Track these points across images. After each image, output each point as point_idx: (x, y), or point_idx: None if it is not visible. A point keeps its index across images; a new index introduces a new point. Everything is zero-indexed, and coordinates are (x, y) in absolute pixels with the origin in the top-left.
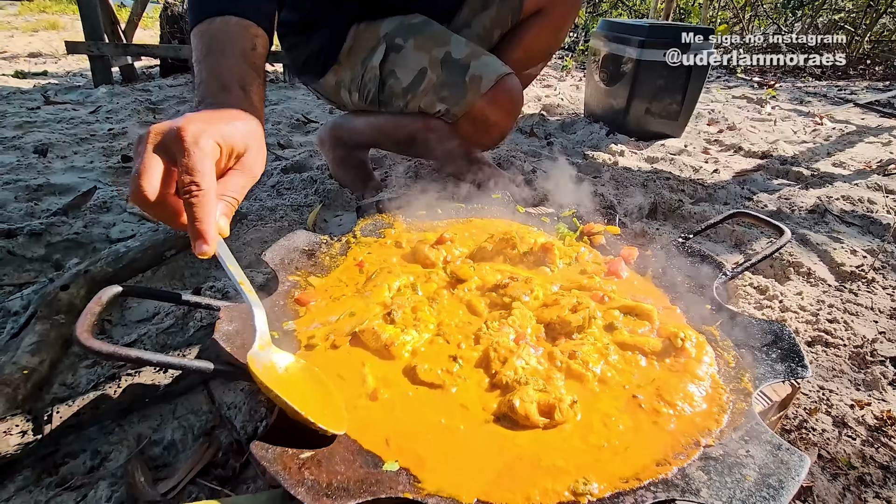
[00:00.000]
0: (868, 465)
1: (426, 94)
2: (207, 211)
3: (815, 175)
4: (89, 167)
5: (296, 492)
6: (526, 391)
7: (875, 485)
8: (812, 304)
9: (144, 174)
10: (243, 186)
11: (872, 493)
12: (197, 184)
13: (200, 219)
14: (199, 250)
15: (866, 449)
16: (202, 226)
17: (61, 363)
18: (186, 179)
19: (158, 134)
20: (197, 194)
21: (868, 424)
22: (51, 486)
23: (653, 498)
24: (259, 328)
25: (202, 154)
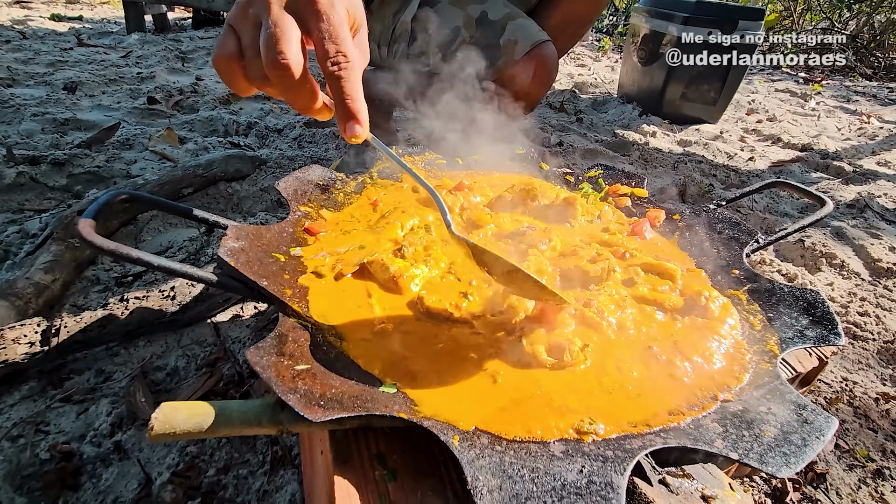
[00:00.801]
0: (888, 459)
1: (457, 53)
2: (358, 86)
3: (857, 171)
4: (115, 106)
5: (287, 398)
6: (536, 330)
7: (893, 479)
8: (843, 295)
9: (283, 38)
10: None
11: (891, 487)
12: (344, 54)
13: (352, 96)
14: (351, 132)
15: (888, 444)
16: (355, 104)
17: (74, 285)
18: (332, 49)
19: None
20: (346, 66)
21: (893, 419)
22: (54, 398)
23: (662, 443)
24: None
25: (341, 20)
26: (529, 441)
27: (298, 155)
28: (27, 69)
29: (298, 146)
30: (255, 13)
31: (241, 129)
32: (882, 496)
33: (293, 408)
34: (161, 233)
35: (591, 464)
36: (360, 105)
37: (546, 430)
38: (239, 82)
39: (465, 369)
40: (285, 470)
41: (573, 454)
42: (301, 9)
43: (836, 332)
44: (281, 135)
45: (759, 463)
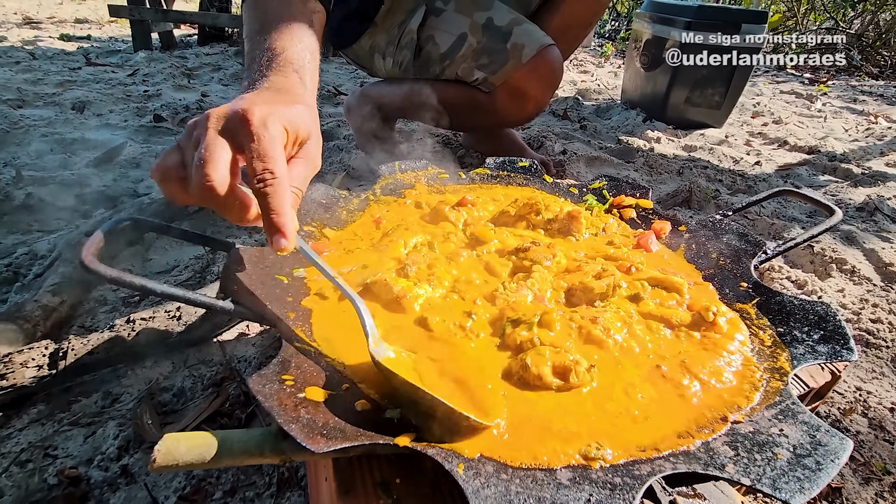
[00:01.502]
0: None
1: (465, 60)
2: (284, 201)
3: (866, 173)
4: (122, 125)
5: (289, 428)
6: (540, 351)
7: None
8: (854, 302)
9: (210, 161)
10: (307, 177)
11: None
12: (271, 171)
13: (277, 210)
14: (277, 245)
15: None
16: (280, 218)
17: (81, 307)
18: (259, 167)
19: (220, 117)
20: (272, 183)
21: None
22: (62, 421)
23: (671, 468)
24: (368, 323)
25: (272, 138)
26: (536, 468)
27: None
28: (36, 90)
29: None
30: (197, 135)
31: None
32: None
33: (295, 438)
34: (167, 251)
35: (599, 492)
36: (286, 219)
37: (552, 456)
38: (176, 194)
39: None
40: (292, 492)
41: (580, 482)
42: (235, 131)
43: (849, 348)
44: None
45: (773, 489)
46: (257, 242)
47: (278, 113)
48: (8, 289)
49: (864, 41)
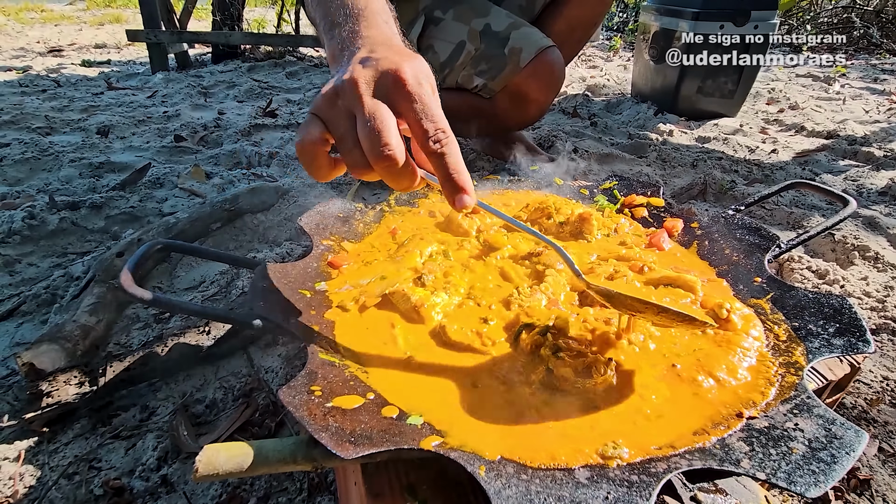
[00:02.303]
0: None
1: (464, 67)
2: (460, 158)
3: (889, 156)
4: (145, 146)
5: (319, 436)
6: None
7: None
8: (878, 289)
9: (385, 130)
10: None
11: None
12: (443, 130)
13: (457, 168)
14: (462, 204)
15: None
16: (461, 177)
17: (116, 324)
18: (431, 127)
19: (369, 81)
20: (446, 142)
21: None
22: (104, 434)
23: (687, 465)
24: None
25: (432, 97)
26: (555, 468)
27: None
28: (63, 116)
29: None
30: (345, 105)
31: (264, 160)
32: None
33: (325, 446)
34: (193, 268)
35: (617, 490)
36: (465, 177)
37: (570, 456)
38: (322, 168)
39: (489, 397)
40: (322, 496)
41: (598, 480)
42: (391, 93)
43: (865, 340)
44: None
45: (788, 483)
46: (278, 256)
47: (418, 67)
48: (47, 310)
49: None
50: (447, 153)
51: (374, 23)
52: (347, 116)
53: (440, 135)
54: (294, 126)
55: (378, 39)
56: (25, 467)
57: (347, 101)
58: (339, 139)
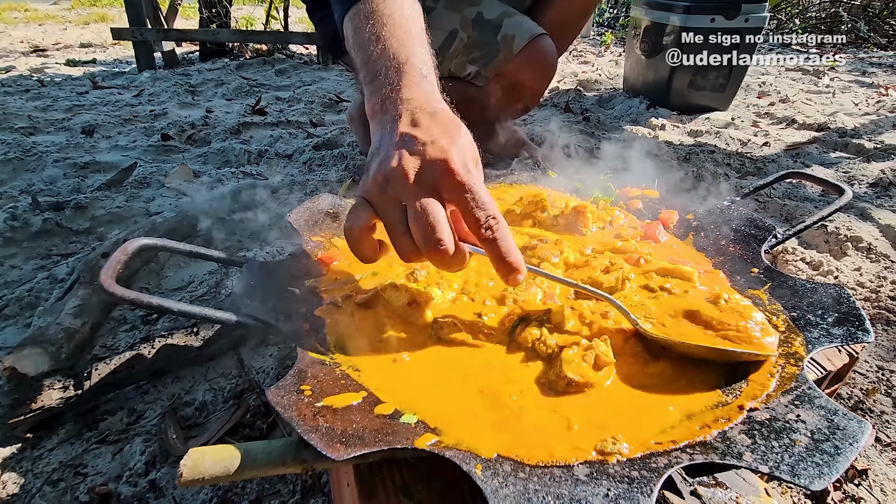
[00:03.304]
0: None
1: (456, 55)
2: (510, 241)
3: (879, 147)
4: (132, 146)
5: (309, 437)
6: (566, 353)
7: None
8: (872, 280)
9: (438, 226)
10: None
11: None
12: (494, 217)
13: (509, 250)
14: (515, 282)
15: None
16: (513, 257)
17: (102, 327)
18: (483, 216)
19: (419, 173)
20: (497, 228)
21: None
22: (90, 439)
23: (689, 460)
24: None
25: (480, 183)
26: (553, 465)
27: (309, 179)
28: (47, 116)
29: (309, 170)
30: (395, 194)
31: (253, 158)
32: None
33: (315, 447)
34: (182, 268)
35: (617, 486)
36: (517, 257)
37: (569, 452)
38: (367, 252)
39: (484, 393)
40: (316, 498)
41: (598, 477)
42: (441, 184)
43: (864, 329)
44: (291, 160)
45: (791, 475)
46: (268, 255)
47: (464, 148)
48: (31, 313)
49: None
50: (499, 238)
51: (414, 81)
52: (398, 205)
53: (491, 222)
54: (284, 123)
55: (419, 102)
56: (8, 475)
57: (397, 191)
58: (389, 227)
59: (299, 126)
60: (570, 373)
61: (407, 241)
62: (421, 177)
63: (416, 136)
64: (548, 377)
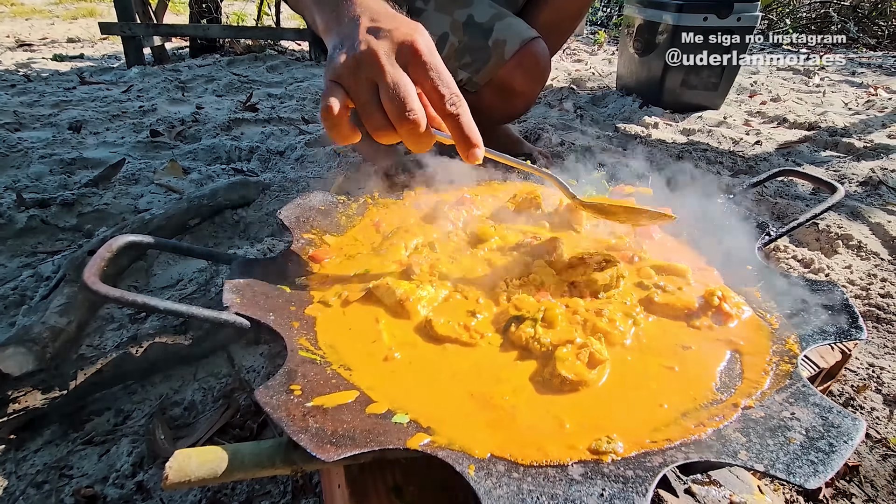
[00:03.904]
0: None
1: (448, 60)
2: (471, 118)
3: (868, 146)
4: (120, 142)
5: (298, 438)
6: (561, 351)
7: None
8: (863, 277)
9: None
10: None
11: None
12: (457, 94)
13: (468, 125)
14: (474, 157)
15: None
16: (474, 134)
17: (89, 325)
18: (447, 92)
19: (389, 52)
20: (459, 104)
21: None
22: (76, 441)
23: (684, 458)
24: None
25: (443, 65)
26: (547, 465)
27: (302, 176)
28: (33, 112)
29: (301, 167)
30: (367, 75)
31: (244, 155)
32: None
33: (305, 448)
34: (171, 265)
35: (612, 486)
36: (476, 133)
37: (563, 451)
38: (343, 132)
39: (478, 392)
40: (307, 499)
41: (592, 476)
42: (409, 63)
43: (858, 326)
44: (283, 157)
45: (787, 474)
46: (259, 252)
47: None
48: (15, 312)
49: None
50: (461, 114)
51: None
52: (370, 85)
53: (455, 98)
54: (275, 120)
55: (374, 8)
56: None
57: (369, 71)
58: (362, 105)
59: (291, 123)
60: (564, 371)
61: (380, 117)
62: (390, 57)
63: (380, 26)
64: (542, 375)
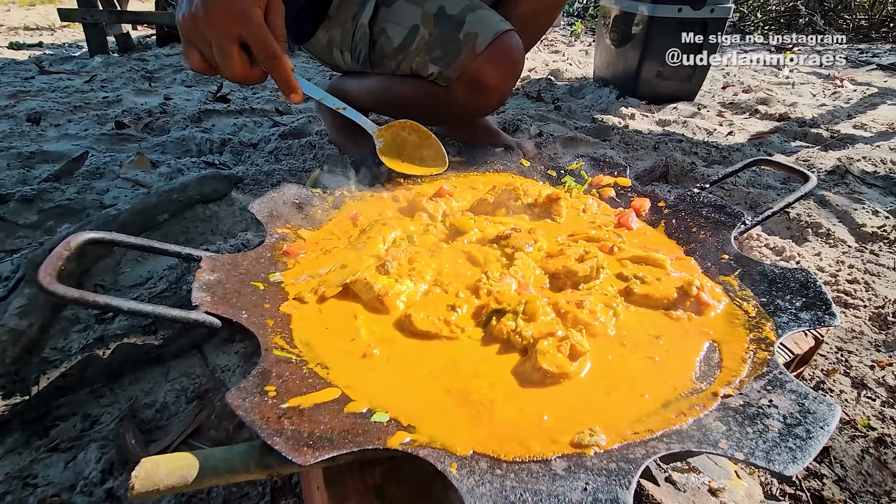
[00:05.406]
0: (888, 425)
1: (418, 53)
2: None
3: (836, 137)
4: (83, 134)
5: (273, 442)
6: (542, 344)
7: (895, 445)
8: (831, 264)
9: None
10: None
11: (893, 453)
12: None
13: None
14: (295, 100)
15: (886, 410)
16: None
17: (52, 327)
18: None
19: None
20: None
21: (888, 385)
22: (40, 448)
23: (665, 449)
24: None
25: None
26: (530, 461)
27: (276, 169)
28: None
29: (275, 159)
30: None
31: (215, 147)
32: (886, 464)
33: (280, 452)
34: (140, 263)
35: (595, 479)
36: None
37: (545, 446)
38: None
39: (459, 388)
40: (287, 500)
41: (576, 470)
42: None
43: (831, 313)
44: (256, 149)
45: (766, 462)
46: (233, 248)
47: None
48: None
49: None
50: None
51: None
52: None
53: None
54: (248, 111)
55: None
56: None
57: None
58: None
59: (264, 114)
60: (545, 364)
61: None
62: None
63: None
64: (523, 369)
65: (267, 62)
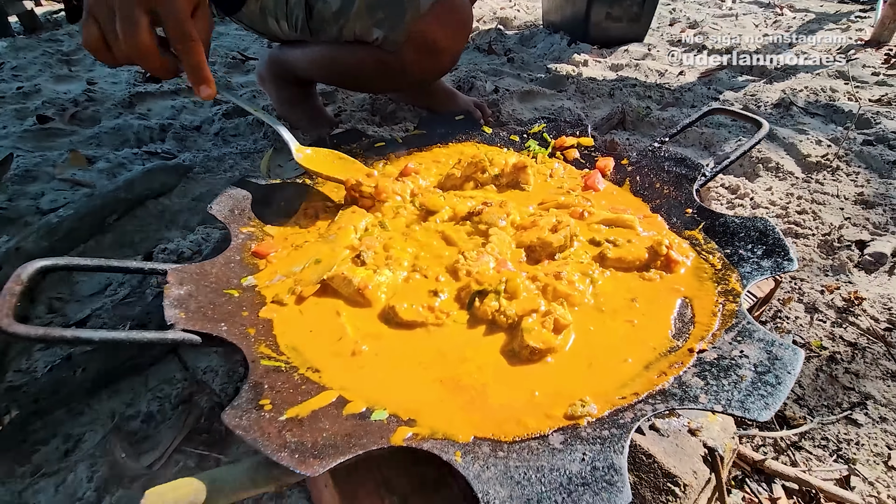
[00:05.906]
0: (838, 344)
1: (360, 17)
2: (202, 57)
3: (779, 68)
4: (2, 133)
5: (279, 458)
6: (526, 322)
7: (844, 361)
8: (782, 197)
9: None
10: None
11: (842, 369)
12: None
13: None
14: (204, 93)
15: (836, 330)
16: (203, 71)
17: (11, 349)
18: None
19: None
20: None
21: (837, 307)
22: (25, 475)
23: (652, 410)
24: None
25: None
26: (529, 438)
27: (227, 153)
28: None
29: (223, 142)
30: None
31: (156, 135)
32: (836, 378)
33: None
34: None
35: (591, 448)
36: (206, 72)
37: (542, 422)
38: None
39: (451, 374)
40: (291, 489)
41: (572, 442)
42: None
43: (789, 258)
44: (200, 132)
45: (742, 411)
46: (193, 244)
47: None
48: None
49: None
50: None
51: None
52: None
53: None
54: (185, 91)
55: None
56: None
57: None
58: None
59: None
60: (531, 342)
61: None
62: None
63: None
64: (511, 347)
65: (179, 42)
